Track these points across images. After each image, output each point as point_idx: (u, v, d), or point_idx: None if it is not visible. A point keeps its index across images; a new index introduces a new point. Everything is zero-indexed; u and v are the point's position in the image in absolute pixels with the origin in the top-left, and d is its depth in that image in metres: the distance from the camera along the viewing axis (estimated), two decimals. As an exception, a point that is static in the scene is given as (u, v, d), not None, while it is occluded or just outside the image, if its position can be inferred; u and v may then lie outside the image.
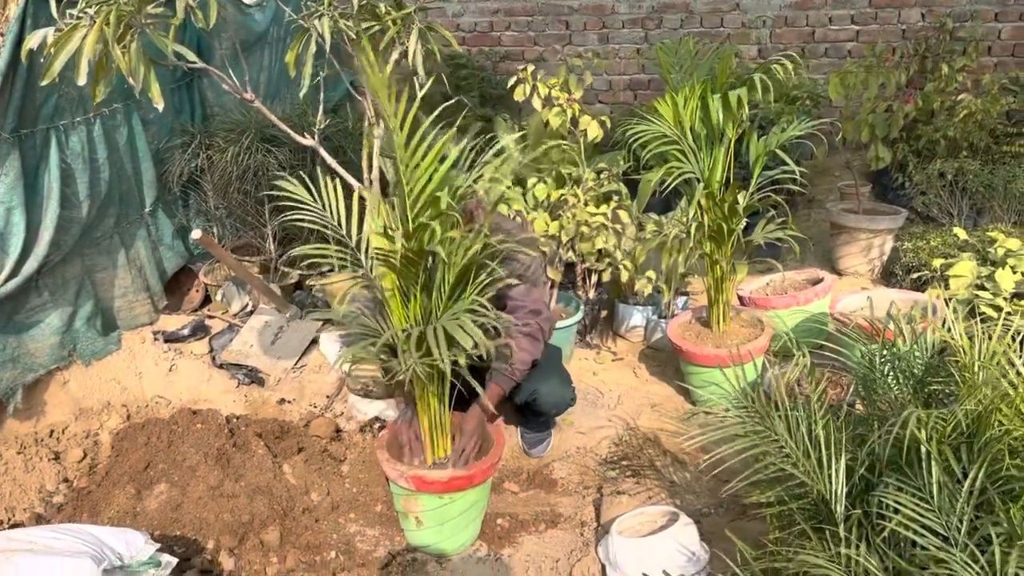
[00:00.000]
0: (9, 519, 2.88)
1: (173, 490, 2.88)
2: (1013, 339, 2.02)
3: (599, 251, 3.72)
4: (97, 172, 3.61)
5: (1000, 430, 1.76)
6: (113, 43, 2.55)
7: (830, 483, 1.92)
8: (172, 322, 4.05)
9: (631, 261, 3.66)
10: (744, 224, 3.33)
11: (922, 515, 1.72)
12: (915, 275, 4.05)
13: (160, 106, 2.74)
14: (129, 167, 3.90)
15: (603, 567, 2.59)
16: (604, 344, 4.10)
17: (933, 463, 1.76)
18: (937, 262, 3.79)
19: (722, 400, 2.40)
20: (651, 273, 3.73)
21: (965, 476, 1.75)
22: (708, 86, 3.24)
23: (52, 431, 3.31)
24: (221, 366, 3.77)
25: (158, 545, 2.29)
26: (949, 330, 2.08)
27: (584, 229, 3.53)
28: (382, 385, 3.00)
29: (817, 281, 3.94)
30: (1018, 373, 1.86)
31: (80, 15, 2.60)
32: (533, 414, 3.13)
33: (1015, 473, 1.69)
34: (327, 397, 3.58)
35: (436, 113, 2.28)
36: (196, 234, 3.53)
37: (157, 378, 3.66)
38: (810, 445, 2.03)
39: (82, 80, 2.57)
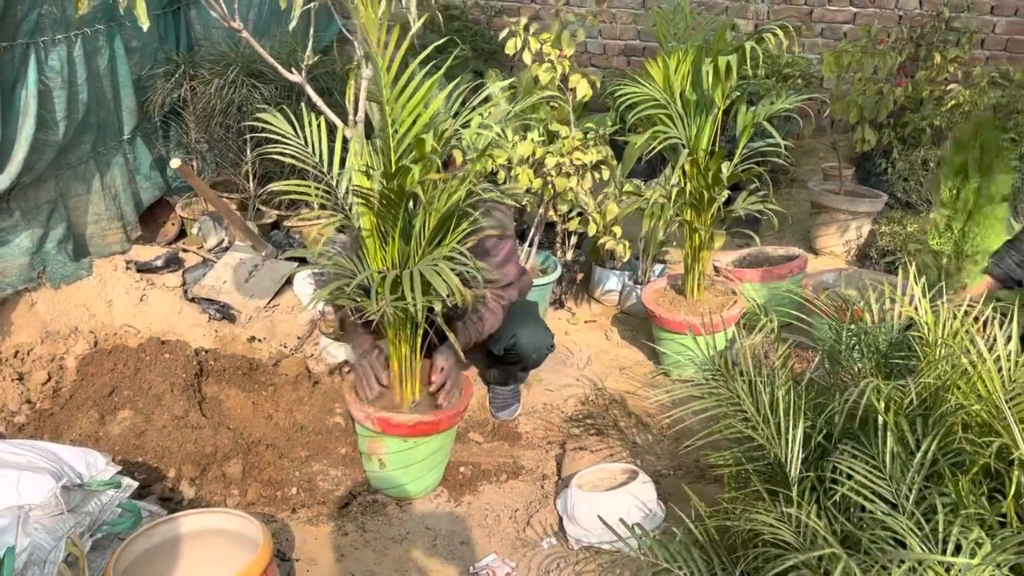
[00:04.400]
0: (-31, 435, 2.87)
1: (137, 417, 2.88)
2: (976, 320, 2.06)
3: (574, 207, 3.71)
4: (75, 94, 3.54)
5: (955, 405, 1.80)
6: (99, -43, 2.48)
7: (786, 447, 1.96)
8: (146, 252, 4.01)
9: (599, 215, 3.66)
10: (726, 196, 3.35)
11: (873, 482, 1.76)
12: (889, 259, 4.11)
13: (145, 26, 2.68)
14: (109, 92, 3.82)
15: (560, 519, 2.63)
16: (578, 306, 4.12)
17: (888, 433, 1.80)
18: (912, 247, 3.84)
19: (690, 367, 2.43)
20: (617, 229, 3.72)
21: (918, 448, 1.79)
22: (701, 52, 3.22)
23: (17, 352, 3.28)
24: (193, 300, 3.74)
25: (119, 467, 2.29)
26: (916, 308, 2.11)
27: (566, 165, 3.48)
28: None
29: (793, 257, 3.98)
30: (979, 352, 1.90)
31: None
32: (510, 364, 3.11)
33: (966, 447, 1.74)
34: (298, 338, 3.57)
35: (425, 52, 2.26)
36: (175, 163, 3.49)
37: (127, 307, 3.62)
38: (770, 410, 2.07)
39: (65, -7, 2.51)
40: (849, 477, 1.80)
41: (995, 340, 1.96)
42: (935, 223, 3.09)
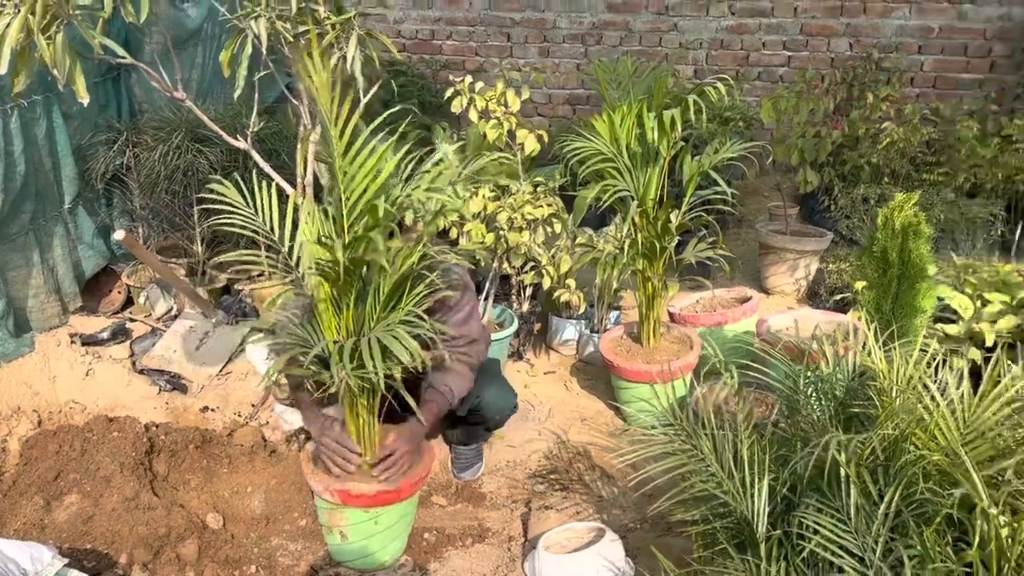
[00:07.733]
0: (-96, 530, 2.72)
1: (85, 501, 2.76)
2: (929, 364, 2.10)
3: (528, 259, 3.73)
4: (12, 166, 3.46)
5: (915, 454, 1.82)
6: (38, 33, 2.45)
7: (752, 503, 1.96)
8: (91, 324, 3.90)
9: (553, 267, 3.68)
10: (676, 242, 3.39)
11: (840, 536, 1.76)
12: (838, 296, 4.19)
13: (85, 101, 2.64)
14: (48, 162, 3.74)
15: (529, 583, 2.59)
16: (536, 357, 4.11)
17: (852, 486, 1.81)
18: (859, 284, 3.91)
19: (650, 417, 2.43)
20: (571, 280, 3.75)
21: (882, 498, 1.80)
22: (644, 105, 3.28)
23: (-44, 437, 3.14)
24: (142, 371, 3.64)
25: (66, 560, 2.19)
26: (869, 354, 2.14)
27: (518, 220, 3.52)
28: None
29: (745, 299, 4.03)
30: (932, 398, 1.93)
31: (4, 2, 2.49)
32: (473, 424, 3.06)
33: (929, 497, 1.75)
34: (252, 406, 3.49)
35: (378, 120, 2.25)
36: (119, 235, 3.41)
37: (72, 382, 3.50)
38: (734, 465, 2.07)
39: (2, 69, 2.46)
40: (816, 532, 1.80)
41: (947, 384, 2.00)
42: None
